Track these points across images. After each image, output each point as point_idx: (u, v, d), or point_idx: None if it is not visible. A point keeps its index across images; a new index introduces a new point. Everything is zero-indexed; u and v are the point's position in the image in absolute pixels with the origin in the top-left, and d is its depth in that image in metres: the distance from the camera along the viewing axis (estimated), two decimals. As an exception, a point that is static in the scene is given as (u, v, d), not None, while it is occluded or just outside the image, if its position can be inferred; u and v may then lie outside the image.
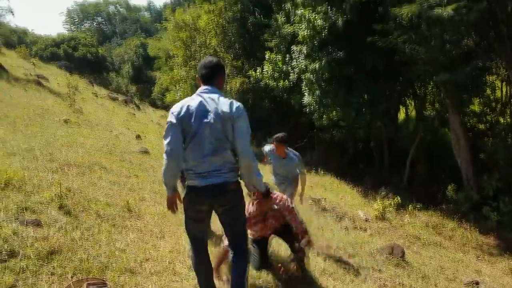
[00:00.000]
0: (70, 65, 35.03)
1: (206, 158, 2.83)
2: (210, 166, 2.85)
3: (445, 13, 7.43)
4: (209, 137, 2.82)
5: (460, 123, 10.32)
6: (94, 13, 78.05)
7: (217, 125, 2.82)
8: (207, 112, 2.83)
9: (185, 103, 2.87)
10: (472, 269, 6.68)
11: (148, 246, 4.06)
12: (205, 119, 2.82)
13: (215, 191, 2.87)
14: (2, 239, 3.09)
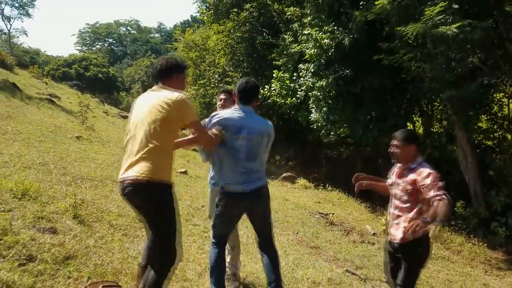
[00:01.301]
0: (81, 85, 35.66)
1: (245, 165, 3.24)
2: (249, 174, 3.25)
3: (450, 32, 7.59)
4: (250, 148, 3.24)
5: (467, 140, 10.37)
6: (105, 34, 79.59)
7: (258, 139, 3.29)
8: (246, 122, 3.24)
9: (230, 115, 3.25)
10: (480, 283, 6.66)
11: (159, 255, 4.17)
12: (246, 128, 3.21)
13: (253, 195, 3.26)
14: (20, 245, 3.23)
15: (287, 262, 4.79)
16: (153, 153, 2.72)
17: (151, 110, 2.79)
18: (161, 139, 2.77)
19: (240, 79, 3.46)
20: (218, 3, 19.95)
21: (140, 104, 2.94)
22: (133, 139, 2.81)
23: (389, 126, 11.75)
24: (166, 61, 3.04)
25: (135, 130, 2.82)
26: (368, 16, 9.42)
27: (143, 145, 2.74)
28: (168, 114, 2.77)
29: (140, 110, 2.88)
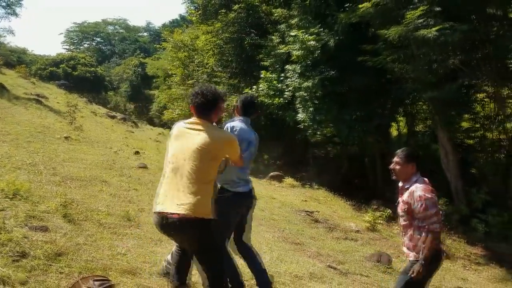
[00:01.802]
0: (69, 84, 35.46)
1: (247, 170, 3.77)
2: (248, 175, 3.79)
3: (430, 35, 7.85)
4: (252, 156, 3.81)
5: (449, 139, 10.67)
6: (93, 33, 79.04)
7: (256, 146, 3.84)
8: (252, 136, 3.78)
9: (244, 127, 3.73)
10: (458, 277, 6.93)
11: (147, 252, 4.34)
12: (252, 141, 3.75)
13: (252, 194, 3.77)
14: (14, 242, 3.37)
15: (272, 257, 4.98)
16: (201, 189, 2.82)
17: (200, 149, 2.82)
18: (207, 175, 2.89)
19: (242, 94, 3.84)
20: (206, 3, 20.06)
21: (187, 136, 2.91)
22: (179, 171, 2.83)
23: (374, 126, 12.04)
24: (212, 94, 2.98)
25: (182, 162, 2.84)
26: (353, 18, 9.66)
27: (192, 180, 2.80)
28: (219, 154, 2.97)
29: (187, 143, 2.88)
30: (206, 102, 2.92)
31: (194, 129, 2.91)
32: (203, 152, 2.81)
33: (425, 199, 3.36)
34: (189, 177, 2.79)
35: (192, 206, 2.73)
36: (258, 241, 5.89)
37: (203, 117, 2.93)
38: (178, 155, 2.87)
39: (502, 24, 9.38)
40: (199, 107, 2.93)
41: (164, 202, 2.83)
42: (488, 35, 9.20)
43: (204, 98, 2.92)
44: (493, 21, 9.52)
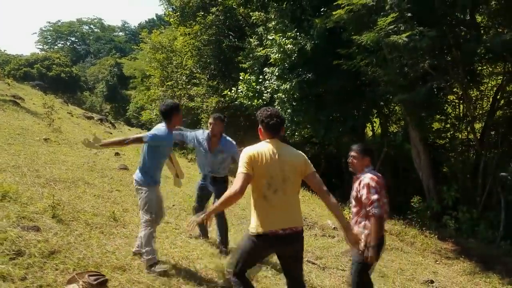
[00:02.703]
0: (44, 85, 34.94)
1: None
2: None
3: (401, 41, 8.22)
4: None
5: (420, 139, 11.11)
6: (67, 33, 77.79)
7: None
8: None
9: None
10: (429, 270, 7.31)
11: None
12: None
13: None
14: (9, 241, 3.54)
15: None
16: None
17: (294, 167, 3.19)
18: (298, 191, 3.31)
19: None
20: (184, 6, 20.16)
21: (279, 158, 3.14)
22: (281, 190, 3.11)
23: (349, 127, 12.42)
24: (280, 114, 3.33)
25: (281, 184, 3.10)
26: (328, 24, 9.97)
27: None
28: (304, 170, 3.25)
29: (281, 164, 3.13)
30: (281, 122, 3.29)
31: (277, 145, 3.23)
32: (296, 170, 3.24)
33: (369, 187, 3.74)
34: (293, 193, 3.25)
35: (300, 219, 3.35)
36: (242, 238, 6.14)
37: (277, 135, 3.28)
38: (278, 176, 3.13)
39: (469, 29, 9.84)
40: (278, 126, 3.27)
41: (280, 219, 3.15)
42: (456, 40, 9.62)
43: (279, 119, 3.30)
44: (461, 26, 9.96)
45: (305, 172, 3.21)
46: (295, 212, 3.17)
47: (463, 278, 7.25)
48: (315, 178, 3.24)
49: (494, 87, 11.00)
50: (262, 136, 3.28)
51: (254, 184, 3.09)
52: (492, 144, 10.61)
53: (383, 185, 3.87)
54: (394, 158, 13.35)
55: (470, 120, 10.69)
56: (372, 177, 3.80)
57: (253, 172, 3.04)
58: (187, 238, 5.55)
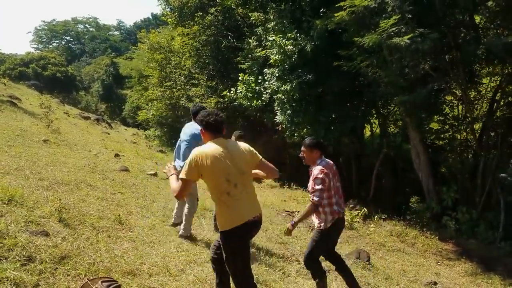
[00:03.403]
0: (39, 85, 34.78)
1: None
2: None
3: (403, 42, 8.23)
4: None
5: (420, 140, 11.15)
6: (62, 32, 77.45)
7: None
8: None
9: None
10: (432, 272, 7.35)
11: (143, 253, 4.53)
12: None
13: None
14: (19, 247, 3.53)
15: (259, 257, 5.25)
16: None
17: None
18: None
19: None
20: (182, 6, 20.10)
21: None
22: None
23: (349, 128, 12.43)
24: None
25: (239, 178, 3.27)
26: (329, 25, 9.98)
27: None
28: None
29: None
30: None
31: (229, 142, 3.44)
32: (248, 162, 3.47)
33: (315, 178, 4.18)
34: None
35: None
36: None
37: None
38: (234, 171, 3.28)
39: (468, 30, 9.88)
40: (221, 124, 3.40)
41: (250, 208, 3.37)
42: (456, 41, 9.66)
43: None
44: (460, 28, 10.00)
45: (255, 161, 3.44)
46: (256, 200, 3.45)
47: (465, 280, 7.28)
48: (265, 163, 3.51)
49: (493, 88, 11.03)
50: (206, 138, 3.38)
51: (212, 184, 3.24)
52: (491, 145, 10.64)
53: (334, 172, 4.37)
54: (393, 158, 13.38)
55: (470, 121, 10.71)
56: (321, 169, 4.20)
57: (204, 174, 3.18)
58: (192, 242, 5.55)
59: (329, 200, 4.27)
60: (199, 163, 3.13)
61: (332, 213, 4.28)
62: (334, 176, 4.34)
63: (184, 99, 20.23)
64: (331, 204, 4.29)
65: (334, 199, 4.32)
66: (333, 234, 4.44)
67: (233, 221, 3.19)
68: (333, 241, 4.61)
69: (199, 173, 3.17)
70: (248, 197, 3.30)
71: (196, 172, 3.15)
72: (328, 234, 4.35)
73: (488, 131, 10.67)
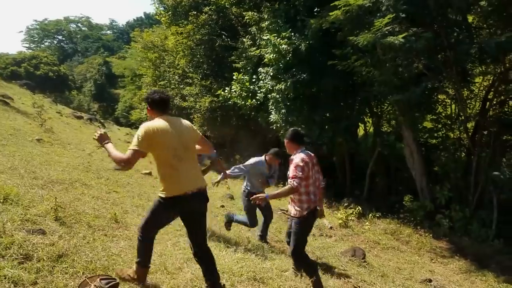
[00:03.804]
0: (32, 84, 34.52)
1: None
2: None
3: (397, 42, 8.29)
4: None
5: (413, 138, 11.21)
6: (54, 31, 76.92)
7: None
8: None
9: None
10: (426, 269, 7.41)
11: (140, 252, 4.52)
12: None
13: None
14: (16, 245, 3.50)
15: (257, 255, 5.26)
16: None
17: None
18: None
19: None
20: (176, 5, 20.05)
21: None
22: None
23: (343, 127, 12.47)
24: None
25: (184, 152, 3.49)
26: (323, 24, 10.01)
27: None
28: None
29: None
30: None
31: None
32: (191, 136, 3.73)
33: (296, 165, 4.38)
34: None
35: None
36: (241, 239, 6.17)
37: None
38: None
39: (461, 30, 9.96)
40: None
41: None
42: (449, 40, 9.72)
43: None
44: (453, 27, 10.07)
45: (197, 138, 3.70)
46: (199, 174, 3.66)
47: (460, 277, 7.35)
48: (204, 139, 3.83)
49: (485, 87, 11.11)
50: (153, 115, 3.56)
51: (159, 156, 3.43)
52: (484, 143, 10.72)
53: (314, 163, 4.62)
54: (387, 157, 13.43)
55: (463, 120, 10.80)
56: (302, 157, 4.43)
57: (152, 147, 3.35)
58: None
59: (307, 189, 4.49)
60: (150, 136, 3.30)
61: (308, 201, 4.51)
62: (314, 167, 4.61)
63: (178, 98, 20.18)
64: (308, 192, 4.51)
65: (312, 188, 4.55)
66: (310, 221, 4.68)
67: (174, 191, 3.41)
68: (310, 230, 4.97)
69: (149, 146, 3.32)
70: (191, 170, 3.51)
71: (146, 144, 3.29)
72: (306, 221, 4.58)
73: (481, 129, 10.74)
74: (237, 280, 4.30)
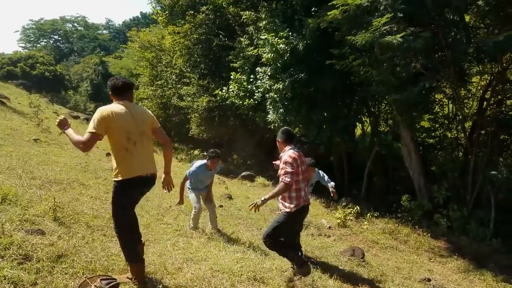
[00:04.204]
0: (28, 84, 34.36)
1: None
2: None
3: (395, 41, 8.29)
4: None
5: (411, 138, 11.22)
6: (50, 31, 76.62)
7: None
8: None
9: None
10: (425, 269, 7.41)
11: (139, 252, 4.50)
12: None
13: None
14: (16, 245, 3.48)
15: (256, 254, 5.24)
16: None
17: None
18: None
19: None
20: (173, 4, 20.00)
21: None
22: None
23: (341, 126, 12.47)
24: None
25: (138, 137, 3.61)
26: (321, 24, 10.00)
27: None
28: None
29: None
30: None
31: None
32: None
33: (285, 162, 4.43)
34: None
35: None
36: (241, 239, 6.16)
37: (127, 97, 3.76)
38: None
39: (459, 30, 9.97)
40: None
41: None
42: (447, 40, 9.74)
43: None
44: (451, 27, 10.09)
45: (153, 125, 3.77)
46: (152, 160, 3.75)
47: (458, 276, 7.35)
48: (161, 131, 3.87)
49: (483, 87, 11.14)
50: (114, 100, 3.70)
51: (114, 140, 3.51)
52: (481, 143, 10.75)
53: (302, 161, 4.62)
54: (385, 157, 13.45)
55: (461, 119, 10.83)
56: (290, 154, 4.48)
57: (108, 130, 3.45)
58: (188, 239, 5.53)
59: (297, 186, 4.51)
60: (106, 119, 3.40)
61: (298, 198, 4.54)
62: (302, 165, 4.63)
63: (176, 98, 20.14)
64: (298, 189, 4.54)
65: (302, 185, 4.58)
66: (297, 218, 4.73)
67: (127, 173, 3.49)
68: (297, 226, 5.13)
69: (105, 129, 3.41)
70: (144, 155, 3.63)
71: (103, 127, 3.39)
72: (293, 216, 4.58)
73: (479, 129, 10.77)
74: (237, 280, 4.28)
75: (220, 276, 4.26)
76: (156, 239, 5.19)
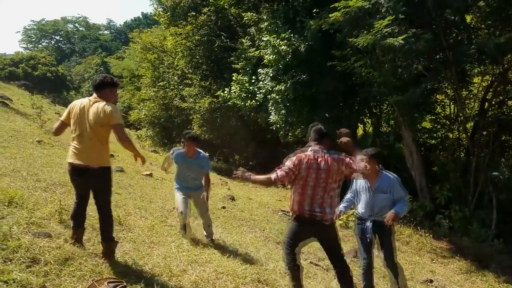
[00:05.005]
0: (30, 85, 34.44)
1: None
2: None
3: (397, 43, 8.32)
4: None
5: (413, 139, 11.25)
6: (52, 31, 76.76)
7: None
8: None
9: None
10: (427, 269, 7.45)
11: (144, 254, 4.55)
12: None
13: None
14: (23, 249, 3.53)
15: (259, 257, 5.29)
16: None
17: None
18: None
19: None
20: (175, 6, 20.06)
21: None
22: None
23: (343, 127, 12.48)
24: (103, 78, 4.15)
25: (84, 130, 3.95)
26: (322, 25, 10.04)
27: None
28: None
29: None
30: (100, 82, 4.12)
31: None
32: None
33: (287, 157, 4.23)
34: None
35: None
36: (244, 241, 6.20)
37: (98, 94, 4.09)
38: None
39: (460, 31, 10.00)
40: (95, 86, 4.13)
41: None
42: (448, 41, 9.76)
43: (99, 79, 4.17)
44: (452, 28, 10.11)
45: (108, 123, 3.91)
46: (90, 153, 3.95)
47: (460, 277, 7.39)
48: (117, 130, 3.96)
49: (484, 88, 11.16)
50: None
51: (70, 127, 4.05)
52: (483, 143, 10.77)
53: (318, 165, 4.00)
54: (386, 157, 13.48)
55: (462, 120, 10.85)
56: (298, 154, 4.14)
57: (68, 120, 4.02)
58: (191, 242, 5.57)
59: (300, 191, 3.98)
60: (68, 110, 4.06)
61: (299, 203, 4.01)
62: (319, 170, 3.97)
63: (178, 99, 20.20)
64: (301, 194, 3.98)
65: (309, 192, 3.97)
66: (299, 227, 4.09)
67: (68, 157, 4.03)
68: (302, 236, 4.19)
69: (67, 117, 4.03)
70: (84, 147, 3.92)
71: (66, 116, 4.06)
72: (292, 226, 4.14)
73: (480, 130, 10.79)
74: (241, 282, 4.33)
75: (224, 278, 4.31)
76: (161, 241, 5.24)
